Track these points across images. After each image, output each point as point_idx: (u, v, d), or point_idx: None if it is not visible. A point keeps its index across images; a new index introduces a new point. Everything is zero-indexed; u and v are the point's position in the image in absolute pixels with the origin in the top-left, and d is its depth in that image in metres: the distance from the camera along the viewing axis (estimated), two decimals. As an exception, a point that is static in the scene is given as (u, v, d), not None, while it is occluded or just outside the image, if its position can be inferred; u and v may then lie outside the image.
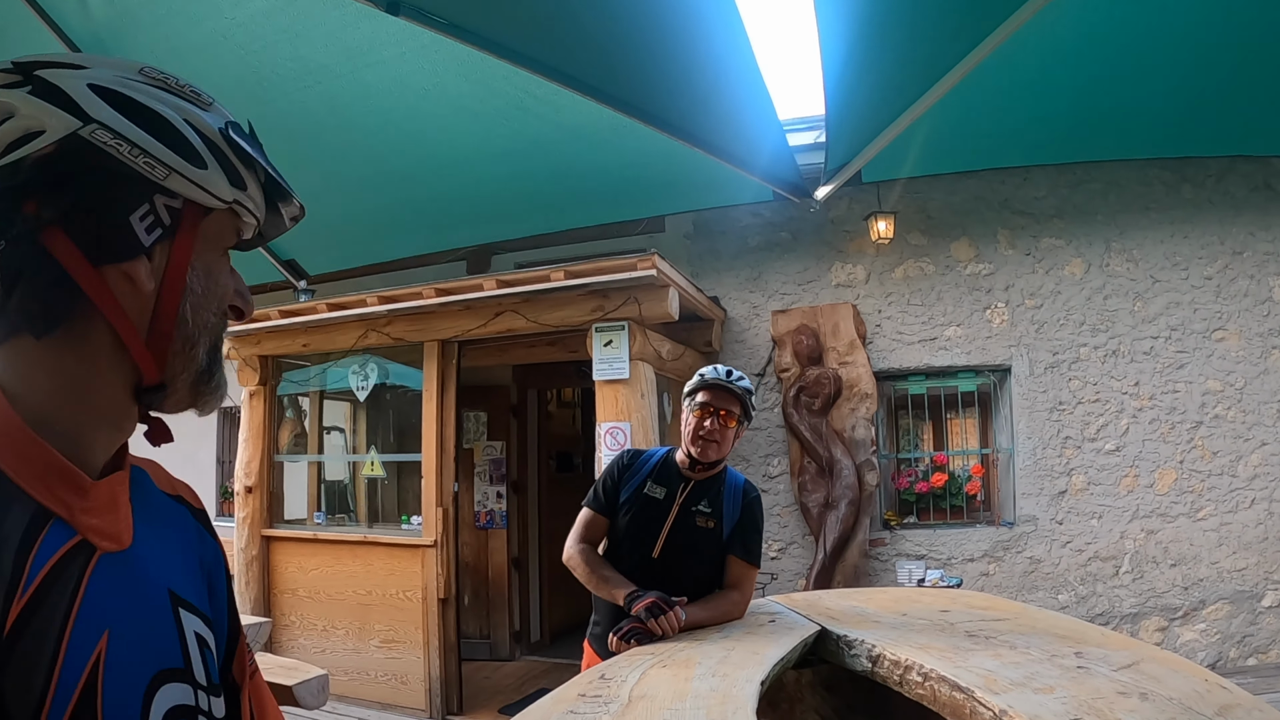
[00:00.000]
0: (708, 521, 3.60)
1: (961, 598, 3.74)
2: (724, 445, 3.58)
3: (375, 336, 7.63)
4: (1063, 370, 7.61)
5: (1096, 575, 7.41)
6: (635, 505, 3.66)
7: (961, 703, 2.21)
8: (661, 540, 3.57)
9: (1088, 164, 7.59)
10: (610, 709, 2.11)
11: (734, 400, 3.58)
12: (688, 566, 3.56)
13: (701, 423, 3.54)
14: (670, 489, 3.66)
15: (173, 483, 1.26)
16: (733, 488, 3.69)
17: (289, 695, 5.91)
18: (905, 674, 2.54)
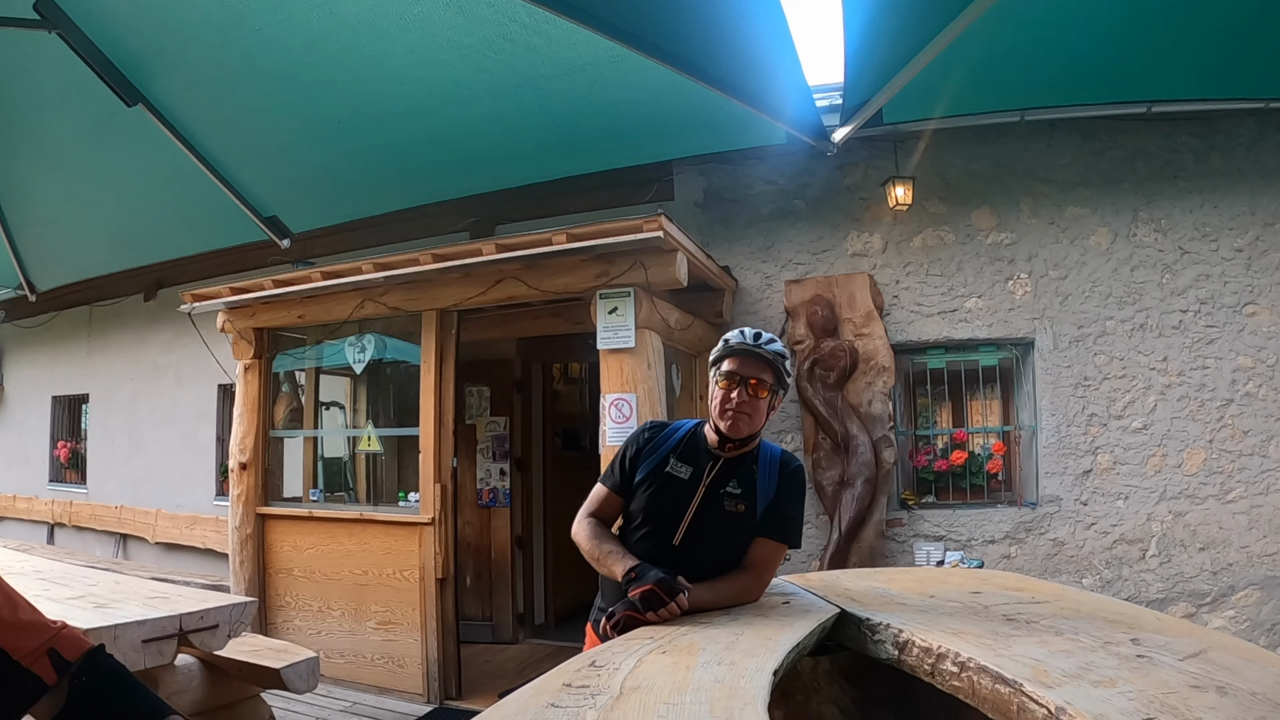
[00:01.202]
0: (737, 504, 3.22)
1: (993, 578, 3.48)
2: (756, 418, 3.19)
3: (372, 306, 7.43)
4: (1088, 344, 7.37)
5: (1122, 559, 7.18)
6: (654, 485, 3.30)
7: (1007, 698, 1.94)
8: (684, 526, 3.21)
9: (1113, 130, 7.37)
10: (597, 702, 1.83)
11: (765, 367, 3.17)
12: (713, 556, 3.19)
13: (728, 394, 3.16)
14: (696, 468, 3.28)
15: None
16: (768, 461, 3.30)
17: (276, 678, 5.72)
18: (938, 663, 2.27)
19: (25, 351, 14.04)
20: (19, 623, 1.47)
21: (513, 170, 7.40)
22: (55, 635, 1.51)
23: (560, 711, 1.77)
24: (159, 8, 4.95)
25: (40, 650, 1.47)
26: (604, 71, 5.24)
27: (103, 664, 1.53)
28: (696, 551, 3.17)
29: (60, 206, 7.52)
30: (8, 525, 14.04)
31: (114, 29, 5.02)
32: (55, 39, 4.84)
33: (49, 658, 1.47)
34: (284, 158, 6.51)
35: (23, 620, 1.48)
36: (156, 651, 4.76)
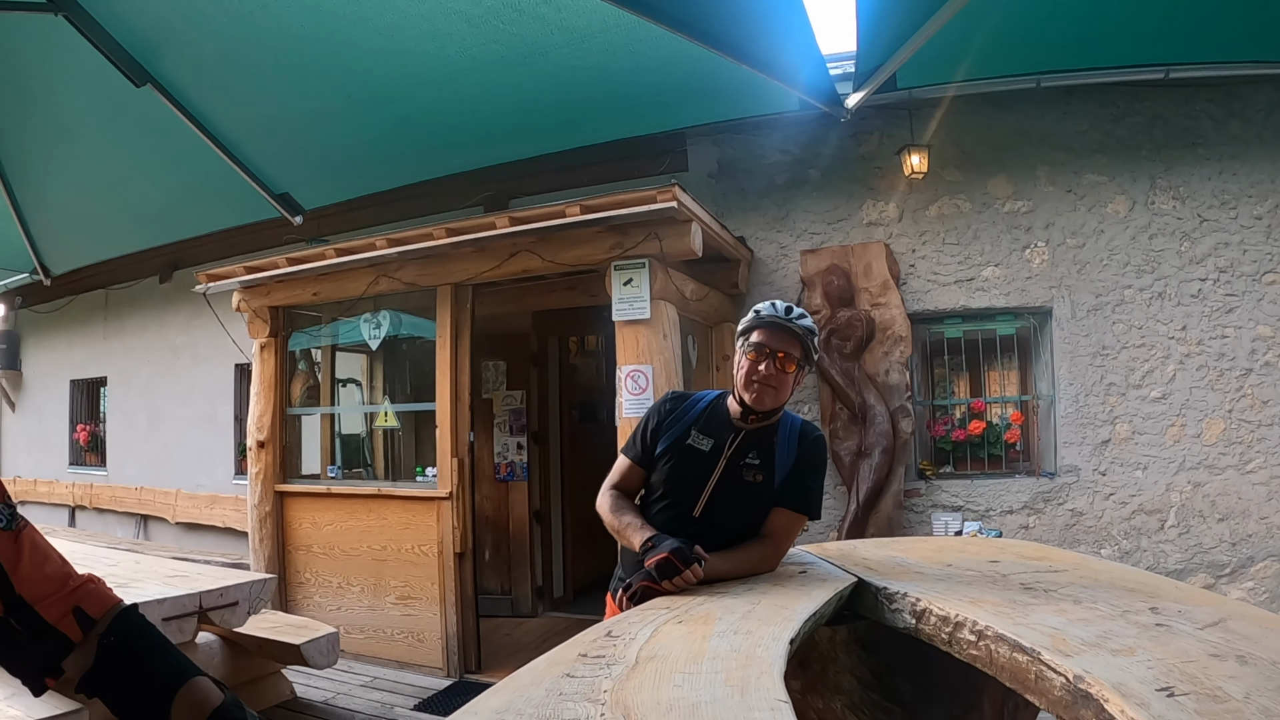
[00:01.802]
0: (755, 475, 3.21)
1: (1011, 547, 3.47)
2: (781, 392, 3.17)
3: (386, 282, 7.42)
4: (1106, 313, 7.30)
5: (1141, 529, 7.15)
6: (676, 456, 3.29)
7: (1025, 666, 1.92)
8: (705, 498, 3.20)
9: (1131, 96, 7.28)
10: (613, 672, 1.82)
11: (793, 341, 3.15)
12: (733, 527, 3.17)
13: (755, 366, 3.14)
14: (718, 440, 3.26)
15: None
16: (788, 431, 3.29)
17: (297, 654, 5.76)
18: (955, 632, 2.26)
19: (43, 336, 14.10)
20: (46, 577, 1.48)
21: (525, 142, 7.37)
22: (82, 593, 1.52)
23: (575, 681, 1.76)
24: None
25: (67, 608, 1.48)
26: (614, 40, 5.20)
27: (132, 624, 1.53)
28: (717, 522, 3.16)
29: (72, 189, 7.52)
30: (29, 509, 14.08)
31: (120, 9, 4.99)
32: (62, 21, 4.83)
33: (74, 615, 1.48)
34: (294, 134, 6.49)
35: (49, 574, 1.49)
36: (177, 629, 4.81)
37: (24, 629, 1.44)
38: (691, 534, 3.04)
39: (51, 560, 1.51)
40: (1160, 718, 1.42)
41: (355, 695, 6.57)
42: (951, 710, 3.04)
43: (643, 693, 1.66)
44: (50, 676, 1.49)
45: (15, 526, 1.47)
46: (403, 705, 6.35)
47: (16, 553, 1.45)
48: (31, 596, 1.44)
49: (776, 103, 6.57)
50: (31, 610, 1.44)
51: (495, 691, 1.74)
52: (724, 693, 1.65)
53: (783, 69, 4.23)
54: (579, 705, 1.59)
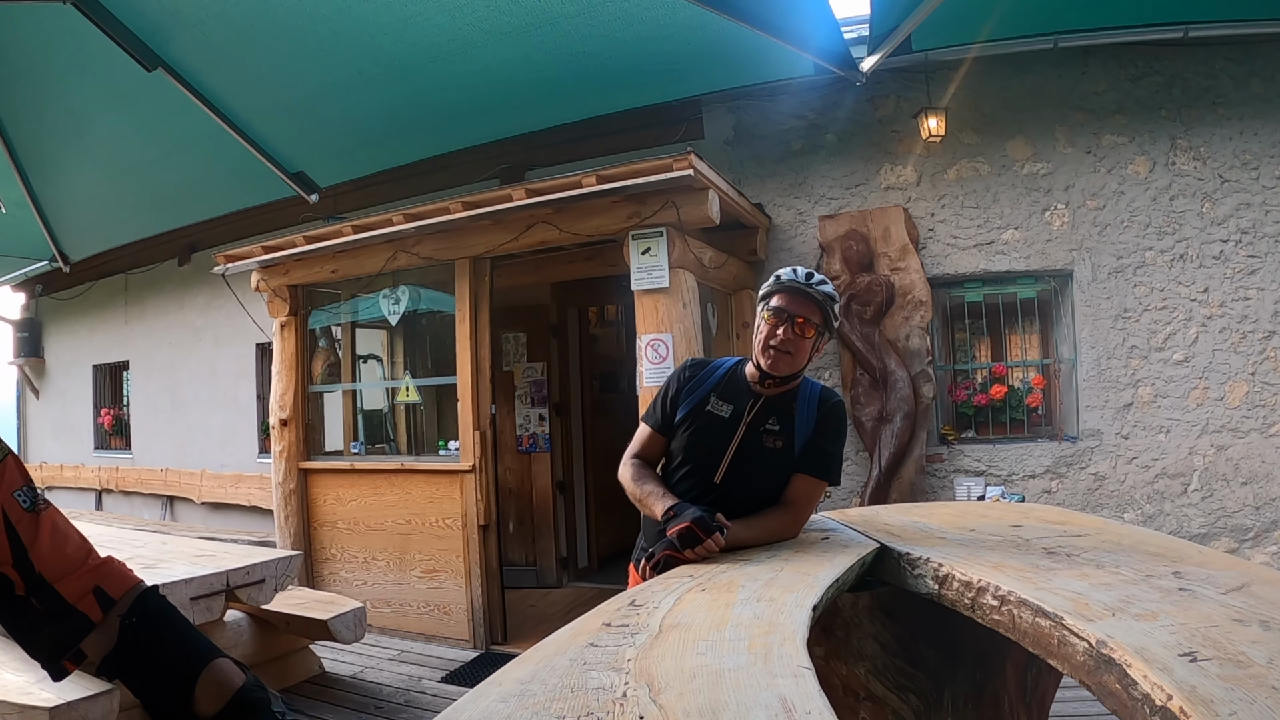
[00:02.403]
0: (775, 441, 3.19)
1: (1033, 512, 3.46)
2: (798, 358, 3.15)
3: (404, 258, 7.41)
4: (1127, 275, 7.26)
5: (1164, 493, 7.13)
6: (695, 423, 3.28)
7: (1048, 630, 1.91)
8: (725, 464, 3.19)
9: (1150, 56, 7.22)
10: (637, 640, 1.82)
11: (813, 307, 3.12)
12: (753, 493, 3.16)
13: (774, 331, 3.12)
14: (737, 406, 3.25)
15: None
16: (807, 398, 3.27)
17: (324, 629, 5.79)
18: (978, 597, 2.25)
19: (64, 323, 14.18)
20: (65, 556, 1.50)
21: (539, 113, 7.37)
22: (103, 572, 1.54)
23: (600, 650, 1.76)
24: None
25: (87, 588, 1.49)
26: (626, 8, 5.19)
27: (153, 605, 1.54)
28: (737, 489, 3.16)
29: (87, 176, 7.56)
30: (56, 494, 14.20)
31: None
32: (71, 10, 4.84)
33: (94, 595, 1.49)
34: (307, 112, 6.51)
35: (69, 554, 1.51)
36: (205, 608, 4.84)
37: (44, 608, 1.46)
38: (712, 501, 3.06)
39: (72, 541, 1.53)
40: (1183, 682, 1.41)
41: (383, 669, 6.62)
42: (975, 675, 3.04)
43: (666, 661, 1.66)
44: (69, 660, 1.51)
45: (37, 508, 1.49)
46: (430, 677, 6.39)
47: (36, 532, 1.47)
48: (51, 575, 1.46)
49: (790, 68, 6.55)
50: (51, 589, 1.46)
51: (520, 662, 1.74)
52: (747, 660, 1.65)
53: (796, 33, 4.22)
54: (603, 674, 1.59)
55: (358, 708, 5.75)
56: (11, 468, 1.48)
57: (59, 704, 3.89)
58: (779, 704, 1.39)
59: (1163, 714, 1.37)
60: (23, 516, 1.46)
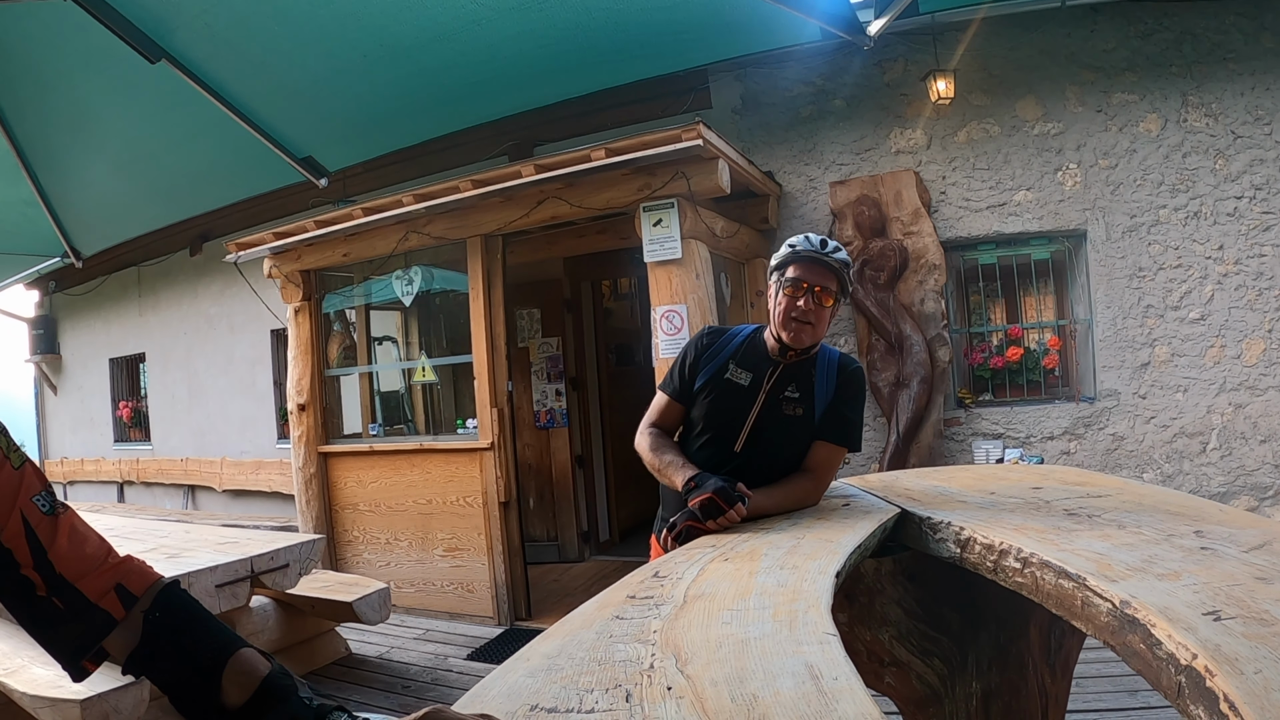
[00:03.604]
0: (796, 408, 3.17)
1: (1054, 474, 3.44)
2: (820, 328, 3.12)
3: (416, 238, 7.43)
4: (1141, 234, 7.22)
5: (1183, 452, 7.12)
6: (715, 391, 3.25)
7: (1071, 592, 1.90)
8: (745, 433, 3.17)
9: (1158, 12, 7.16)
10: (662, 611, 1.83)
11: (829, 275, 3.08)
12: (774, 461, 3.15)
13: (794, 302, 3.07)
14: (756, 374, 3.21)
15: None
16: (826, 365, 3.24)
17: (349, 612, 5.83)
18: (1000, 560, 2.24)
19: (79, 318, 14.26)
20: (85, 555, 1.50)
21: (546, 88, 7.34)
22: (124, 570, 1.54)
23: (625, 623, 1.77)
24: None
25: (108, 585, 1.49)
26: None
27: (176, 600, 1.55)
28: (757, 457, 3.14)
29: (96, 171, 7.57)
30: (78, 488, 14.37)
31: (129, -13, 5.00)
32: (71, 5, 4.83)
33: (116, 593, 1.49)
34: (313, 97, 6.50)
35: (88, 554, 1.51)
36: (231, 595, 4.87)
37: (65, 607, 1.47)
38: (732, 469, 3.06)
39: (91, 541, 1.54)
40: (1207, 641, 1.41)
41: (409, 648, 6.66)
42: (998, 638, 3.05)
43: (691, 631, 1.67)
44: (90, 660, 1.51)
45: (56, 512, 1.50)
46: (456, 655, 6.43)
47: (54, 534, 1.48)
48: (72, 574, 1.47)
49: (797, 33, 6.51)
50: (73, 588, 1.47)
51: (546, 636, 1.75)
52: (772, 628, 1.66)
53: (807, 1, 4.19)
54: (629, 646, 1.60)
55: (385, 688, 5.79)
56: (30, 474, 1.50)
57: (90, 696, 3.93)
58: (805, 671, 1.39)
59: (1188, 673, 1.37)
60: (41, 520, 1.47)
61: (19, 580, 1.45)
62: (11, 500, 1.45)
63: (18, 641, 4.76)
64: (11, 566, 1.44)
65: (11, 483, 1.46)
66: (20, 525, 1.44)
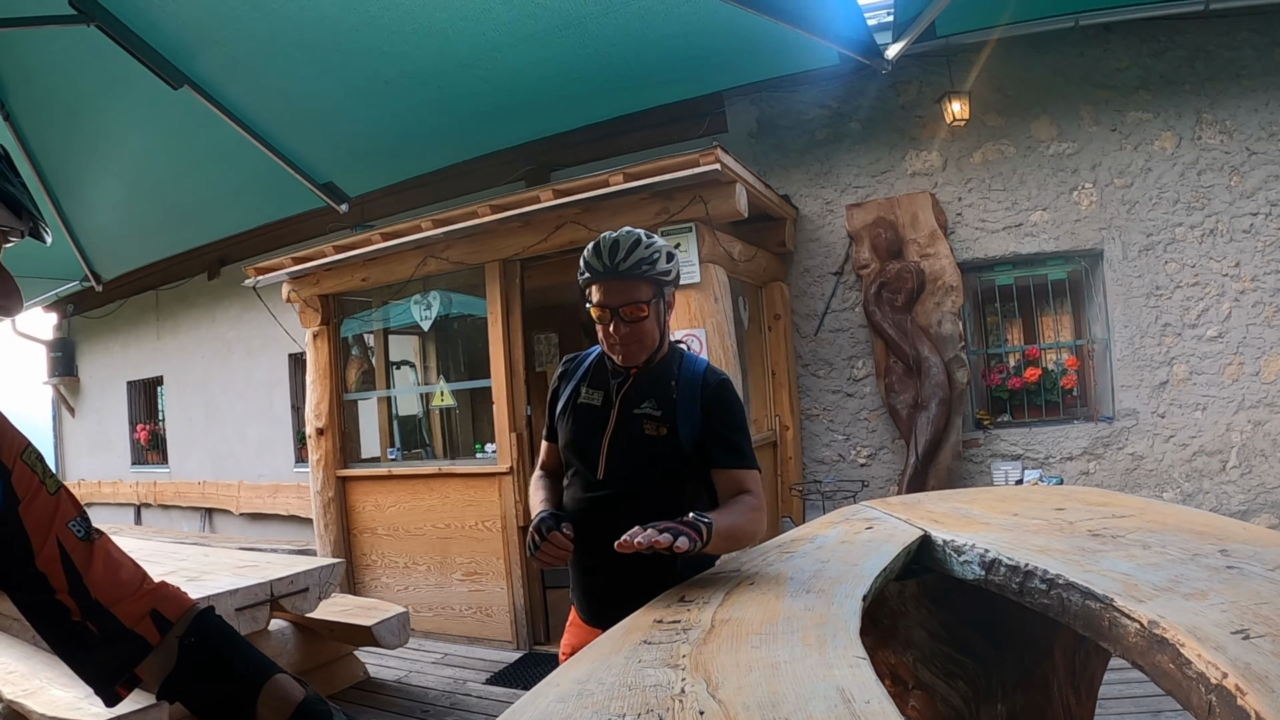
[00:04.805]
0: (658, 427, 2.84)
1: (1076, 494, 3.43)
2: (647, 340, 2.82)
3: (434, 263, 7.43)
4: (1158, 252, 7.22)
5: (1202, 471, 7.09)
6: (571, 417, 3.00)
7: (1098, 613, 1.90)
8: (603, 457, 2.88)
9: (1171, 30, 7.17)
10: (690, 636, 1.84)
11: (634, 287, 2.76)
12: (640, 484, 2.85)
13: (606, 329, 2.80)
14: (606, 391, 2.96)
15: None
16: (689, 380, 2.88)
17: (368, 636, 5.83)
18: (1025, 581, 2.23)
19: (97, 341, 14.32)
20: (120, 581, 1.52)
21: (566, 114, 7.37)
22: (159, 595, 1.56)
23: (654, 648, 1.77)
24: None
25: (144, 610, 1.51)
26: (649, 5, 5.18)
27: (211, 624, 1.56)
28: (622, 484, 2.87)
29: (116, 195, 7.61)
30: (95, 510, 14.34)
31: (152, 14, 5.03)
32: (94, 31, 4.87)
33: (151, 618, 1.51)
34: (335, 123, 6.53)
35: (124, 579, 1.53)
36: (250, 618, 4.87)
37: (100, 632, 1.48)
38: (599, 499, 2.88)
39: (126, 567, 1.56)
40: (1237, 660, 1.41)
41: (427, 672, 6.65)
42: (1023, 659, 3.04)
43: (721, 655, 1.67)
44: (123, 686, 1.53)
45: (91, 538, 1.52)
46: (475, 680, 6.41)
47: (90, 559, 1.49)
48: (107, 600, 1.49)
49: (815, 58, 6.54)
50: (108, 613, 1.48)
51: (576, 661, 1.76)
52: (802, 651, 1.66)
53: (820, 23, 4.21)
54: (660, 671, 1.60)
55: (404, 712, 5.78)
56: (65, 500, 1.52)
57: (109, 718, 3.93)
58: (837, 694, 1.40)
59: (1218, 692, 1.37)
60: (77, 545, 1.49)
61: (54, 605, 1.46)
62: (48, 526, 1.46)
63: (36, 663, 4.79)
64: (46, 591, 1.45)
65: (48, 508, 1.47)
66: (56, 550, 1.46)
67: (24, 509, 1.44)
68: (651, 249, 2.79)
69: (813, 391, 8.09)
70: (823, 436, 8.04)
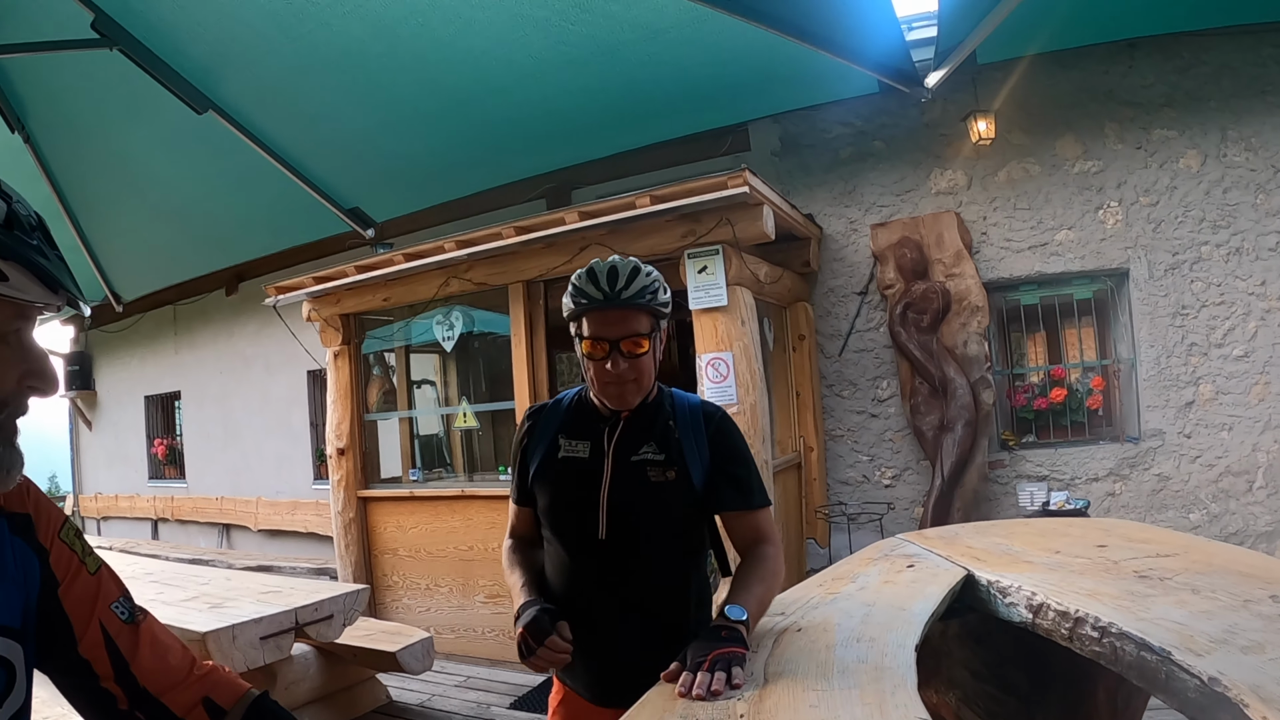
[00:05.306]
0: (665, 473, 2.54)
1: (1116, 529, 3.40)
2: (644, 379, 2.55)
3: (457, 284, 7.43)
4: (1184, 271, 7.15)
5: (1229, 492, 7.02)
6: (552, 475, 2.63)
7: (1154, 666, 1.88)
8: (603, 514, 2.53)
9: (1195, 47, 7.11)
10: (745, 694, 1.81)
11: (633, 317, 2.48)
12: (648, 541, 2.55)
13: (602, 366, 2.49)
14: (594, 440, 2.62)
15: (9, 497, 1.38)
16: (687, 415, 2.65)
17: (393, 661, 5.79)
18: (1076, 628, 2.21)
19: (114, 355, 14.35)
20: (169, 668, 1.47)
21: (593, 142, 7.31)
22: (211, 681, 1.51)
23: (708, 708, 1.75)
24: (220, 12, 4.92)
25: (196, 699, 1.47)
26: (686, 34, 5.13)
27: (267, 712, 1.52)
28: (629, 542, 2.55)
29: (138, 218, 7.60)
30: (112, 524, 14.44)
31: (176, 38, 5.01)
32: (118, 56, 4.85)
33: (204, 706, 1.47)
34: (362, 148, 6.49)
35: (173, 665, 1.48)
36: (275, 647, 4.85)
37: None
38: (602, 564, 2.56)
39: (174, 651, 1.51)
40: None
41: (450, 696, 6.61)
42: (1065, 698, 3.01)
43: (780, 715, 1.65)
44: None
45: (135, 619, 1.47)
46: (498, 704, 6.37)
47: (136, 644, 1.44)
48: (156, 688, 1.44)
49: (853, 86, 6.50)
50: (158, 702, 1.44)
51: None
52: (862, 712, 1.64)
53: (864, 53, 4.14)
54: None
55: (429, 737, 5.76)
56: (107, 579, 1.46)
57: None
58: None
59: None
60: (121, 629, 1.43)
61: (99, 693, 1.41)
62: (90, 609, 1.41)
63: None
64: (91, 678, 1.40)
65: (89, 590, 1.43)
66: (99, 635, 1.41)
67: (64, 591, 1.39)
68: (652, 277, 2.54)
69: (837, 412, 8.05)
70: (847, 458, 8.01)
